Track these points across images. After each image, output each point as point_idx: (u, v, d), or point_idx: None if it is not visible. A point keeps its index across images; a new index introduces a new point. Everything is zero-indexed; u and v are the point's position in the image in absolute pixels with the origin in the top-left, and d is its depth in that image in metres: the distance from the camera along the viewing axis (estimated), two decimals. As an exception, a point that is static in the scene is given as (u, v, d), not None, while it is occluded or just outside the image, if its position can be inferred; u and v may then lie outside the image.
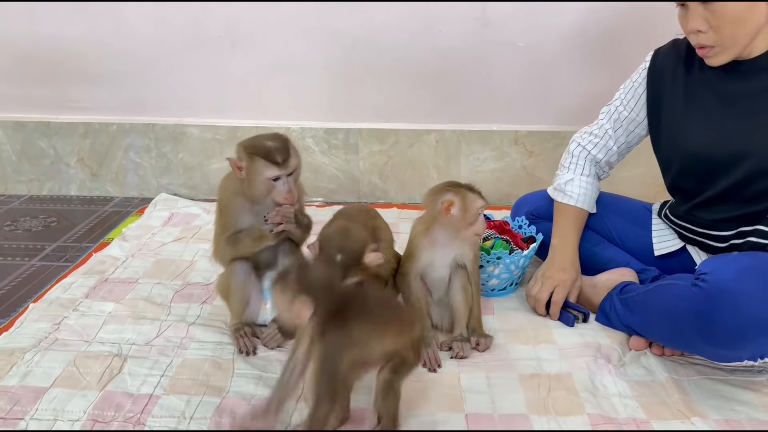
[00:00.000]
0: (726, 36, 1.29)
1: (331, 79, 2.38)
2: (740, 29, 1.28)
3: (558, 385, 1.31)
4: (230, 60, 2.37)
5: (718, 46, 1.31)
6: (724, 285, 1.18)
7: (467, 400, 1.27)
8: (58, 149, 2.49)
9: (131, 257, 1.90)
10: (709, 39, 1.30)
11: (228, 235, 1.42)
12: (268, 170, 1.33)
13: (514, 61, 2.31)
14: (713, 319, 1.18)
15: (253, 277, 1.48)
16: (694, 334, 1.24)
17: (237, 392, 1.27)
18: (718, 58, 1.33)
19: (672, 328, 1.31)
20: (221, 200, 1.44)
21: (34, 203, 2.44)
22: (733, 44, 1.30)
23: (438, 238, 1.41)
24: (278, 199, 1.36)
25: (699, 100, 1.42)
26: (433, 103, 2.39)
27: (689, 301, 1.22)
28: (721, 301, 1.17)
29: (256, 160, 1.33)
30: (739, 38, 1.30)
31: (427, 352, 1.37)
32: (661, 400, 1.27)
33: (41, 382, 1.29)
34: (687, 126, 1.43)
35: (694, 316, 1.21)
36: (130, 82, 2.42)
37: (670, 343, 1.37)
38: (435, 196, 1.38)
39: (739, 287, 1.16)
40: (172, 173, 2.50)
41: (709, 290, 1.19)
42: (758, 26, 1.29)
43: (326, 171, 2.46)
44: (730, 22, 1.27)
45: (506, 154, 2.39)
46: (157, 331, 1.49)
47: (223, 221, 1.44)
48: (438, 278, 1.46)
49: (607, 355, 1.41)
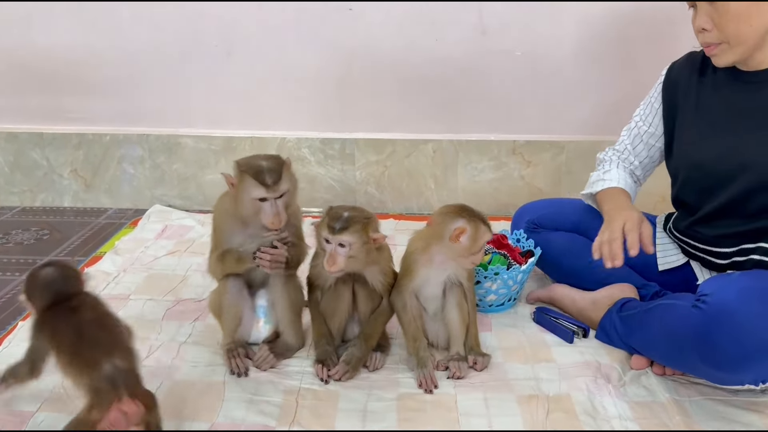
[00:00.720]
0: (729, 33, 1.29)
1: (327, 89, 2.35)
2: (744, 27, 1.27)
3: (557, 407, 1.28)
4: (225, 70, 2.34)
5: (723, 43, 1.31)
6: (725, 307, 1.15)
7: (464, 423, 1.24)
8: (51, 160, 2.46)
9: (123, 272, 1.87)
10: (714, 37, 1.31)
11: (218, 252, 1.41)
12: (255, 190, 1.31)
13: (512, 70, 2.29)
14: (714, 342, 1.16)
15: (246, 295, 1.46)
16: (695, 356, 1.21)
17: (227, 417, 1.24)
18: (724, 57, 1.33)
19: (672, 349, 1.28)
20: (215, 218, 1.43)
21: (26, 215, 2.42)
22: (737, 42, 1.30)
23: (435, 256, 1.38)
24: (265, 221, 1.33)
25: (708, 111, 1.42)
26: (431, 113, 2.36)
27: (690, 323, 1.20)
28: (722, 323, 1.14)
29: (245, 178, 1.31)
30: (743, 36, 1.29)
31: (423, 373, 1.34)
32: (662, 422, 1.24)
33: (27, 406, 1.26)
34: (695, 137, 1.43)
35: (694, 338, 1.19)
36: (124, 92, 2.40)
37: (671, 364, 1.34)
38: (447, 219, 1.35)
39: (740, 310, 1.14)
40: (166, 184, 2.47)
41: (710, 312, 1.17)
42: (764, 26, 1.28)
43: (322, 181, 2.43)
44: (733, 19, 1.27)
45: (504, 164, 2.36)
46: (148, 351, 1.45)
47: (215, 238, 1.43)
48: (432, 295, 1.43)
49: (607, 375, 1.38)
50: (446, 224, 1.34)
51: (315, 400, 1.30)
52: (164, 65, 2.35)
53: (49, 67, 2.37)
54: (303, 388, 1.34)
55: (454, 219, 1.34)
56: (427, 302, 1.45)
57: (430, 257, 1.38)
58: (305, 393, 1.32)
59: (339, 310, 1.42)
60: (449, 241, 1.33)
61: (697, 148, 1.42)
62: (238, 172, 1.33)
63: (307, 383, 1.35)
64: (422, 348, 1.38)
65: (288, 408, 1.27)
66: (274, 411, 1.26)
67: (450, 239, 1.33)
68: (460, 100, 2.34)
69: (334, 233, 1.28)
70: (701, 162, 1.40)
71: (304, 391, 1.33)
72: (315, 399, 1.30)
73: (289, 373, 1.39)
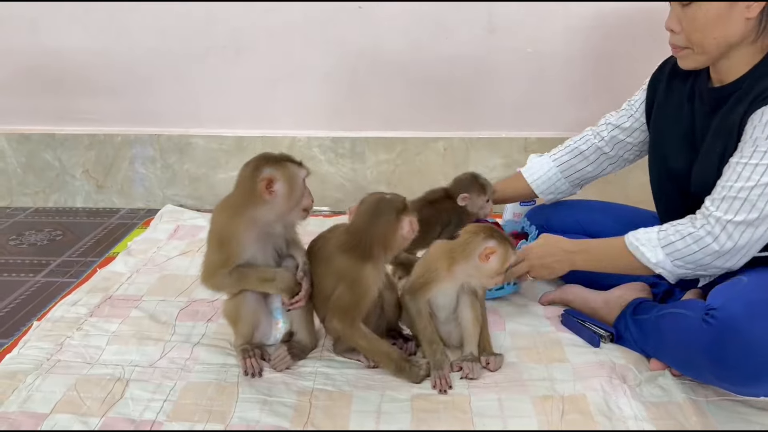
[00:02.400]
0: (693, 40, 1.28)
1: (337, 88, 2.35)
2: (708, 37, 1.26)
3: (572, 408, 1.27)
4: (235, 70, 2.34)
5: (687, 48, 1.31)
6: (732, 323, 1.14)
7: (478, 424, 1.23)
8: (63, 161, 2.47)
9: (136, 273, 1.87)
10: (680, 40, 1.30)
11: (231, 269, 1.35)
12: (302, 171, 1.34)
13: (522, 67, 2.28)
14: (725, 358, 1.15)
15: (263, 301, 1.45)
16: (708, 371, 1.21)
17: (241, 418, 1.24)
18: (686, 61, 1.33)
19: (685, 360, 1.27)
20: (221, 231, 1.35)
21: (39, 216, 2.43)
22: (700, 51, 1.29)
23: (458, 273, 1.38)
24: (308, 202, 1.35)
25: (671, 118, 1.44)
26: (441, 111, 2.35)
27: (700, 337, 1.18)
28: (731, 340, 1.14)
29: (289, 166, 1.32)
30: (706, 46, 1.27)
31: (439, 374, 1.34)
32: (679, 423, 1.23)
33: (41, 407, 1.26)
34: (656, 140, 1.49)
35: (705, 352, 1.18)
36: (135, 93, 2.40)
37: (686, 373, 1.32)
38: (477, 239, 1.35)
39: (748, 328, 1.12)
40: (177, 184, 2.48)
41: (718, 328, 1.15)
42: (728, 39, 1.26)
43: (333, 180, 2.43)
44: (699, 27, 1.26)
45: (516, 162, 2.34)
46: (161, 352, 1.46)
47: (225, 253, 1.34)
48: (445, 304, 1.44)
49: (623, 375, 1.36)
50: (476, 244, 1.35)
51: (329, 401, 1.30)
52: (174, 66, 2.36)
53: (60, 68, 2.38)
54: (316, 388, 1.34)
55: (485, 239, 1.35)
56: (438, 309, 1.45)
57: (453, 273, 1.38)
58: (318, 394, 1.32)
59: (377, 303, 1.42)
60: (478, 260, 1.34)
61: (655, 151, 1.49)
62: (274, 169, 1.30)
63: (321, 384, 1.35)
64: (439, 351, 1.38)
65: (302, 409, 1.27)
66: (287, 412, 1.26)
67: (480, 259, 1.34)
68: (471, 98, 2.33)
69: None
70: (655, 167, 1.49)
71: (317, 391, 1.33)
72: (329, 400, 1.30)
73: (303, 374, 1.39)
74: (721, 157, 1.28)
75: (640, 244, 1.32)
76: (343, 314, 1.34)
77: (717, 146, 1.29)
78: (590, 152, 1.67)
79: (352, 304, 1.34)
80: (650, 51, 2.16)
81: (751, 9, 1.22)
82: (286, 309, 1.41)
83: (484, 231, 1.37)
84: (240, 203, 1.34)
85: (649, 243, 1.31)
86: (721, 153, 1.28)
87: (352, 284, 1.33)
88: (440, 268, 1.38)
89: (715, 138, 1.30)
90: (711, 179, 1.29)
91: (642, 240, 1.32)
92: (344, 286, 1.34)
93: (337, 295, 1.35)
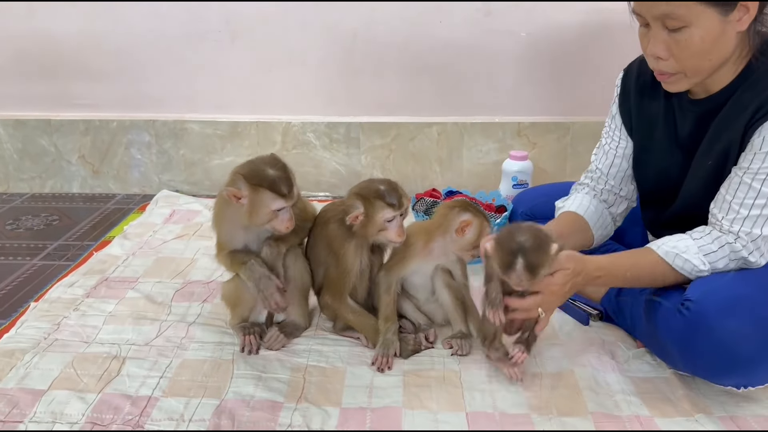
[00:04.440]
0: (688, 66, 1.19)
1: (331, 73, 2.36)
2: (704, 61, 1.18)
3: (560, 383, 1.29)
4: (230, 54, 2.35)
5: (679, 73, 1.21)
6: (704, 318, 1.15)
7: (468, 398, 1.25)
8: (59, 147, 2.48)
9: (132, 255, 1.89)
10: (670, 66, 1.20)
11: (226, 252, 1.40)
12: (275, 202, 1.28)
13: (517, 51, 2.29)
14: (694, 349, 1.17)
15: None
16: (679, 359, 1.23)
17: (236, 393, 1.26)
18: (677, 85, 1.24)
19: (659, 347, 1.30)
20: (214, 219, 1.42)
21: (36, 201, 2.44)
22: (694, 74, 1.20)
23: (435, 249, 1.40)
24: (280, 228, 1.32)
25: (654, 130, 1.37)
26: (435, 95, 2.36)
27: (673, 327, 1.20)
28: (701, 333, 1.15)
29: (260, 191, 1.27)
30: (703, 70, 1.19)
31: (383, 353, 1.36)
32: (665, 396, 1.25)
33: (39, 384, 1.28)
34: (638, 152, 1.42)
35: (676, 342, 1.20)
36: (130, 78, 2.41)
37: (661, 359, 1.34)
38: (453, 212, 1.37)
39: (720, 324, 1.13)
40: (173, 169, 2.49)
41: (690, 320, 1.16)
42: (724, 58, 1.18)
43: (328, 165, 2.44)
44: (695, 54, 1.16)
45: (509, 146, 2.36)
46: (157, 331, 1.48)
47: (219, 240, 1.42)
48: (420, 283, 1.46)
49: (611, 352, 1.39)
50: (453, 217, 1.36)
51: (322, 377, 1.32)
52: (169, 51, 2.36)
53: (55, 53, 2.38)
54: (310, 365, 1.36)
55: (460, 213, 1.36)
56: (416, 290, 1.47)
57: (430, 249, 1.40)
58: (312, 370, 1.34)
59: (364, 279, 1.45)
60: (455, 234, 1.35)
61: (639, 166, 1.42)
62: (249, 185, 1.27)
63: (314, 360, 1.37)
64: (391, 331, 1.39)
65: (296, 384, 1.29)
66: (282, 387, 1.28)
67: (456, 232, 1.35)
68: (465, 82, 2.34)
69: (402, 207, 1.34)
70: (642, 181, 1.43)
71: (311, 368, 1.35)
72: (322, 375, 1.32)
73: (297, 351, 1.41)
74: (715, 168, 1.24)
75: (680, 252, 1.22)
76: (332, 288, 1.41)
77: (711, 158, 1.25)
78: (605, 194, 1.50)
79: (337, 279, 1.40)
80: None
81: (741, 22, 1.14)
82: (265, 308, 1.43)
83: (459, 205, 1.38)
84: (224, 198, 1.34)
85: (690, 251, 1.22)
86: (716, 163, 1.24)
87: (336, 259, 1.39)
88: (416, 244, 1.39)
89: (710, 148, 1.25)
90: (701, 189, 1.27)
91: (681, 248, 1.23)
92: (331, 260, 1.40)
93: (326, 269, 1.42)
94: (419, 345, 1.42)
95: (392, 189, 1.33)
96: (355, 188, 1.37)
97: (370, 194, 1.32)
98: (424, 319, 1.50)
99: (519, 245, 1.15)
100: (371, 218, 1.32)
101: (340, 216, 1.36)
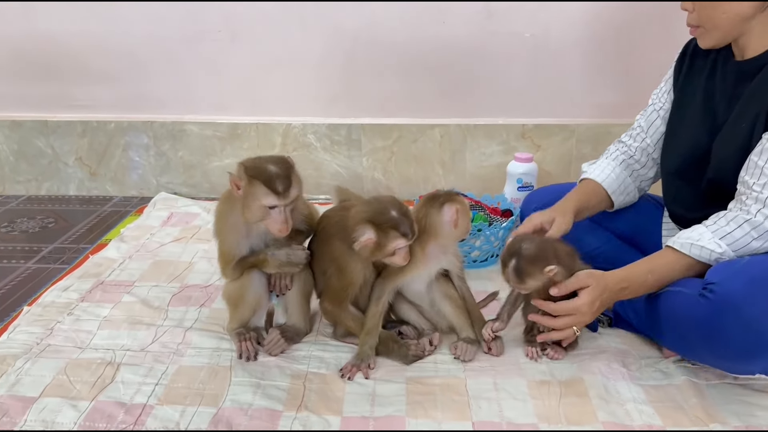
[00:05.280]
0: (704, 17, 1.29)
1: (332, 74, 2.32)
2: (718, 12, 1.27)
3: (569, 392, 1.25)
4: (230, 55, 2.31)
5: (702, 27, 1.31)
6: (731, 299, 1.11)
7: (474, 407, 1.21)
8: (56, 148, 2.45)
9: (128, 259, 1.85)
10: (694, 19, 1.32)
11: (234, 264, 1.35)
12: (267, 198, 1.25)
13: (520, 52, 2.25)
14: (721, 333, 1.13)
15: (266, 285, 1.42)
16: (702, 346, 1.19)
17: (234, 401, 1.22)
18: (703, 39, 1.33)
19: (680, 338, 1.25)
20: (218, 229, 1.37)
21: (32, 204, 2.40)
22: (711, 27, 1.29)
23: (432, 252, 1.35)
24: (272, 229, 1.28)
25: (689, 97, 1.41)
26: (437, 97, 2.33)
27: (696, 313, 1.16)
28: (728, 315, 1.11)
29: (255, 184, 1.25)
30: (717, 22, 1.28)
31: (355, 364, 1.31)
32: (678, 405, 1.21)
33: (30, 391, 1.24)
34: (675, 124, 1.44)
35: (701, 328, 1.16)
36: (128, 79, 2.37)
37: (681, 353, 1.31)
38: (435, 210, 1.31)
39: (747, 302, 1.10)
40: (171, 172, 2.45)
41: (716, 302, 1.13)
42: (739, 15, 1.25)
43: (328, 168, 2.40)
44: (708, 5, 1.28)
45: (513, 149, 2.32)
46: (153, 337, 1.44)
47: (224, 250, 1.37)
48: (418, 291, 1.42)
49: (622, 359, 1.35)
50: (437, 214, 1.31)
51: (322, 384, 1.28)
52: (168, 52, 2.32)
53: (52, 54, 2.35)
54: (311, 372, 1.32)
55: (446, 205, 1.31)
56: (415, 298, 1.44)
57: (426, 255, 1.35)
58: (312, 377, 1.30)
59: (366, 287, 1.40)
60: (452, 227, 1.31)
61: (672, 135, 1.44)
62: (246, 176, 1.26)
63: (315, 367, 1.33)
64: (368, 345, 1.34)
65: (295, 392, 1.25)
66: (281, 395, 1.24)
67: (451, 225, 1.31)
68: (468, 84, 2.30)
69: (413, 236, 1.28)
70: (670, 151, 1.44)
71: (311, 375, 1.31)
72: (322, 383, 1.28)
73: (297, 358, 1.37)
74: (748, 133, 1.24)
75: (695, 241, 1.23)
76: (333, 296, 1.37)
77: (744, 121, 1.25)
78: (638, 153, 1.54)
79: (339, 289, 1.36)
80: (652, 35, 2.16)
81: None
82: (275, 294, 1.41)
83: (437, 199, 1.32)
84: (226, 199, 1.34)
85: (704, 238, 1.22)
86: (749, 128, 1.24)
87: (339, 271, 1.35)
88: (415, 253, 1.34)
89: (743, 112, 1.26)
90: (733, 155, 1.25)
91: (694, 237, 1.24)
92: (334, 270, 1.36)
93: (328, 277, 1.38)
94: (422, 351, 1.37)
95: (404, 216, 1.27)
96: (364, 212, 1.28)
97: (384, 222, 1.25)
98: (428, 325, 1.46)
99: (519, 250, 1.26)
100: (382, 246, 1.27)
101: (344, 234, 1.30)
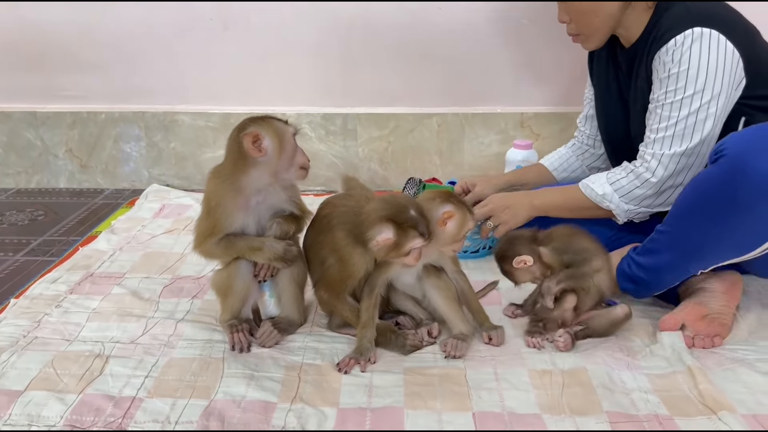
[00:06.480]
0: (581, 25, 1.45)
1: (327, 63, 2.28)
2: (593, 19, 1.42)
3: (572, 381, 1.22)
4: (222, 44, 2.27)
5: (582, 34, 1.47)
6: (741, 154, 1.17)
7: (474, 397, 1.18)
8: (45, 140, 2.40)
9: (119, 251, 1.81)
10: (572, 29, 1.47)
11: (219, 238, 1.30)
12: (288, 128, 1.29)
13: (519, 40, 2.21)
14: (739, 192, 1.17)
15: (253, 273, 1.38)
16: (721, 209, 1.21)
17: (226, 393, 1.18)
18: (587, 44, 1.50)
19: (709, 220, 1.24)
20: (211, 199, 1.30)
21: (21, 197, 2.36)
22: (592, 32, 1.45)
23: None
24: (302, 159, 1.31)
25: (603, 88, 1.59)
26: (435, 86, 2.29)
27: (712, 180, 1.22)
28: (742, 172, 1.16)
29: (273, 122, 1.28)
30: (596, 26, 1.43)
31: (354, 357, 1.27)
32: (684, 394, 1.18)
33: (16, 384, 1.20)
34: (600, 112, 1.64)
35: (723, 195, 1.20)
36: (119, 68, 2.33)
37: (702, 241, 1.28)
38: (434, 204, 1.28)
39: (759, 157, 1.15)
40: (163, 163, 2.41)
41: (728, 162, 1.18)
42: (611, 14, 1.40)
43: (324, 158, 2.36)
44: (583, 14, 1.42)
45: (512, 138, 2.28)
46: (144, 329, 1.40)
47: (212, 221, 1.30)
48: (408, 283, 1.38)
49: (626, 348, 1.32)
50: (433, 209, 1.27)
51: (318, 375, 1.24)
52: (159, 41, 2.28)
53: (41, 43, 2.30)
54: (306, 363, 1.28)
55: (442, 204, 1.28)
56: (407, 289, 1.41)
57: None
58: (308, 368, 1.26)
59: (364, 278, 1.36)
60: (437, 225, 1.27)
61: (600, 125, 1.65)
62: (259, 125, 1.26)
63: (310, 358, 1.30)
64: (368, 339, 1.30)
65: (290, 383, 1.21)
66: (275, 387, 1.20)
67: (437, 223, 1.27)
68: (465, 72, 2.27)
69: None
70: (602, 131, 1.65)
71: (306, 366, 1.27)
72: (318, 374, 1.24)
73: (291, 349, 1.33)
74: (645, 106, 1.43)
75: (590, 182, 1.47)
76: (330, 287, 1.34)
77: (641, 100, 1.44)
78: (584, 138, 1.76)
79: (338, 280, 1.32)
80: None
81: None
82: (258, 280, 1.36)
83: (440, 196, 1.30)
84: (229, 169, 1.29)
85: (597, 180, 1.46)
86: (644, 102, 1.43)
87: (340, 262, 1.31)
88: None
89: (638, 93, 1.45)
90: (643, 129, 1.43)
91: (592, 179, 1.48)
92: (334, 260, 1.32)
93: (327, 267, 1.34)
94: (420, 341, 1.34)
95: (422, 215, 1.24)
96: (382, 209, 1.24)
97: (404, 222, 1.21)
98: (426, 315, 1.42)
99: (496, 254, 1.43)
100: (400, 246, 1.23)
101: (351, 226, 1.27)
